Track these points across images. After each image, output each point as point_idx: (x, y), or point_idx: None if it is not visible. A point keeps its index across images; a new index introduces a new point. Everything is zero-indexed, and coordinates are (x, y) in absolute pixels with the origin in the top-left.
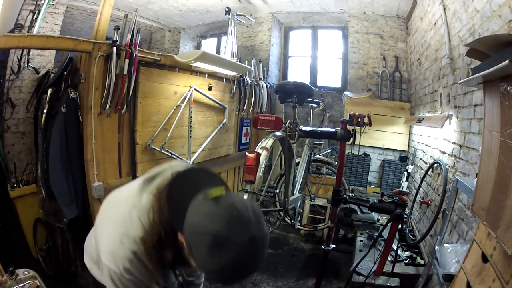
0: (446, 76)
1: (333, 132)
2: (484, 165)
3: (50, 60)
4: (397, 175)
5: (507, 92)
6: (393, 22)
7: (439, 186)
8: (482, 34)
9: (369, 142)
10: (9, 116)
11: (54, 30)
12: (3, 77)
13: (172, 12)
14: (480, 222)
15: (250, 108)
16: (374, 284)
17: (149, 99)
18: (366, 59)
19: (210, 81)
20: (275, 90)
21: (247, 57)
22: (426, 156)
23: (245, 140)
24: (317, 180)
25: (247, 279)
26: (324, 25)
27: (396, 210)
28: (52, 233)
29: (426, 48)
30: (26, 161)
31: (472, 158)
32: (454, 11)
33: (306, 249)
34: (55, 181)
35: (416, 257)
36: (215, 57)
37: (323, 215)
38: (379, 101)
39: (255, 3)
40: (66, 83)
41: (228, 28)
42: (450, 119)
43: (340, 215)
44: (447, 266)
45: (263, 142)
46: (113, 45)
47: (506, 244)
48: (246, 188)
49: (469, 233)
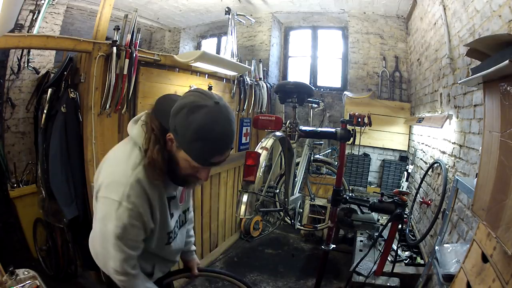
0: (446, 76)
1: (333, 132)
2: (484, 165)
3: (50, 60)
4: (397, 175)
5: (507, 92)
6: (393, 22)
7: (439, 186)
8: (482, 34)
9: (369, 142)
10: (9, 116)
11: (54, 30)
12: (3, 77)
13: (172, 12)
14: (480, 222)
15: (250, 108)
16: (374, 284)
17: (149, 99)
18: (366, 59)
19: (210, 81)
20: (275, 90)
21: (247, 57)
22: (426, 156)
23: (245, 140)
24: (317, 180)
25: (223, 142)
26: (324, 25)
27: (396, 210)
28: (52, 233)
29: (426, 48)
30: (26, 161)
31: (472, 158)
32: (454, 11)
33: (306, 249)
34: (55, 181)
35: (416, 257)
36: (215, 57)
37: (323, 215)
38: (379, 101)
39: (255, 3)
40: (66, 83)
41: (228, 28)
42: (450, 119)
43: (340, 215)
44: (447, 266)
45: (263, 142)
46: (113, 45)
47: (506, 244)
48: (246, 188)
49: (469, 233)
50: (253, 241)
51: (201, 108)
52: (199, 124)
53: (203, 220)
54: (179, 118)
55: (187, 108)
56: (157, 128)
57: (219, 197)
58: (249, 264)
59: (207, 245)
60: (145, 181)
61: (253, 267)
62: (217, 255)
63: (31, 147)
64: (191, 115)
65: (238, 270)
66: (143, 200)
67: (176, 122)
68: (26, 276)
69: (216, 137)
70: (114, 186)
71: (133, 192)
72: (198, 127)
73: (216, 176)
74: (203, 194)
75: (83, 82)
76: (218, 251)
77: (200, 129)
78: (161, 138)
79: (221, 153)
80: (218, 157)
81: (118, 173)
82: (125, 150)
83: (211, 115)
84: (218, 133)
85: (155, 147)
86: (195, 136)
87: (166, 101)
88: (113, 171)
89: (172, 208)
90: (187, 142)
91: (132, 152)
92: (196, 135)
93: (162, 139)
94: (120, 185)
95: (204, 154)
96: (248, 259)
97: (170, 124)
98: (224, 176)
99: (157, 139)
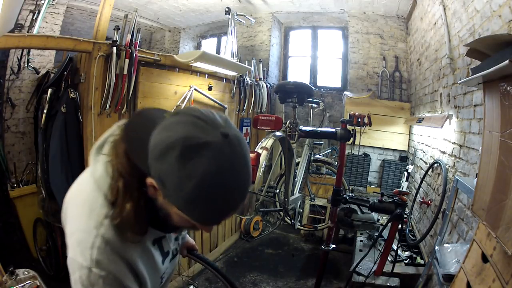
0: (446, 76)
1: (333, 132)
2: (484, 165)
3: (50, 60)
4: (397, 175)
5: (507, 92)
6: (393, 22)
7: (439, 186)
8: (482, 34)
9: (369, 142)
10: (9, 116)
11: (54, 30)
12: (3, 77)
13: (172, 12)
14: (480, 222)
15: (250, 108)
16: (374, 284)
17: (149, 99)
18: (366, 59)
19: (210, 81)
20: (275, 90)
21: (247, 57)
22: (426, 156)
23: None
24: (317, 180)
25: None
26: (324, 25)
27: (396, 210)
28: (52, 233)
29: (426, 48)
30: (26, 161)
31: (472, 158)
32: (454, 11)
33: (306, 249)
34: (55, 181)
35: (416, 257)
36: (215, 57)
37: (323, 215)
38: (379, 101)
39: (255, 3)
40: (66, 83)
41: (228, 28)
42: (450, 119)
43: (340, 215)
44: (447, 266)
45: (263, 142)
46: (113, 45)
47: (506, 244)
48: None
49: (469, 233)
50: (253, 241)
51: (203, 150)
52: (202, 179)
53: None
54: (166, 164)
55: (178, 150)
56: (127, 171)
57: None
58: (249, 264)
59: (207, 245)
60: (115, 242)
61: (253, 267)
62: (217, 255)
63: (31, 147)
64: (187, 162)
65: (238, 270)
66: (118, 265)
67: (161, 169)
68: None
69: (228, 194)
70: (80, 247)
71: (103, 257)
72: (200, 184)
73: None
74: None
75: (83, 82)
76: (218, 251)
77: (205, 187)
78: (136, 183)
79: (235, 209)
80: (231, 214)
81: (80, 229)
82: (87, 193)
83: (219, 161)
84: (231, 188)
85: (126, 202)
86: (196, 196)
87: (143, 123)
88: (76, 224)
89: (165, 247)
90: (184, 202)
91: (95, 201)
92: (199, 194)
93: (137, 184)
94: (85, 247)
95: (210, 217)
96: (248, 259)
97: (150, 167)
98: None
99: (130, 188)
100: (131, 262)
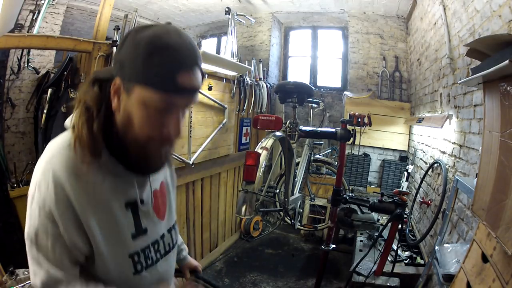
0: (446, 76)
1: (333, 132)
2: (484, 165)
3: (50, 60)
4: (397, 175)
5: (507, 92)
6: (393, 22)
7: (439, 186)
8: (482, 34)
9: (369, 142)
10: (9, 116)
11: (54, 30)
12: (3, 77)
13: (172, 12)
14: (480, 222)
15: (250, 108)
16: (374, 284)
17: None
18: (366, 59)
19: (210, 81)
20: (275, 90)
21: (247, 57)
22: (426, 156)
23: (245, 140)
24: (317, 180)
25: (186, 52)
26: (324, 25)
27: (396, 210)
28: None
29: (426, 48)
30: (26, 161)
31: (472, 158)
32: (454, 11)
33: (306, 249)
34: None
35: (416, 257)
36: (215, 57)
37: (323, 215)
38: (379, 101)
39: (255, 3)
40: (66, 83)
41: (228, 28)
42: (450, 119)
43: (340, 215)
44: (447, 266)
45: (263, 142)
46: (113, 45)
47: (506, 244)
48: (246, 188)
49: (469, 233)
50: (253, 241)
51: (149, 27)
52: (150, 36)
53: (203, 220)
54: (124, 48)
55: (131, 35)
56: (91, 96)
57: (219, 197)
58: (249, 264)
59: (207, 245)
60: (62, 168)
61: (253, 267)
62: (217, 255)
63: (31, 147)
64: (137, 35)
65: (238, 270)
66: (57, 196)
67: (121, 55)
68: (26, 276)
69: (175, 46)
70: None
71: (44, 181)
72: (149, 39)
73: (216, 176)
74: (203, 194)
75: (83, 82)
76: (218, 251)
77: (153, 40)
78: (97, 105)
79: (188, 67)
80: (186, 74)
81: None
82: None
83: (161, 28)
84: (176, 42)
85: (81, 119)
86: (148, 51)
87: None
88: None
89: (143, 221)
90: (140, 64)
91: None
92: (149, 48)
93: (98, 105)
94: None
95: (165, 70)
96: (248, 259)
97: (114, 67)
98: (224, 176)
99: (87, 109)
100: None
